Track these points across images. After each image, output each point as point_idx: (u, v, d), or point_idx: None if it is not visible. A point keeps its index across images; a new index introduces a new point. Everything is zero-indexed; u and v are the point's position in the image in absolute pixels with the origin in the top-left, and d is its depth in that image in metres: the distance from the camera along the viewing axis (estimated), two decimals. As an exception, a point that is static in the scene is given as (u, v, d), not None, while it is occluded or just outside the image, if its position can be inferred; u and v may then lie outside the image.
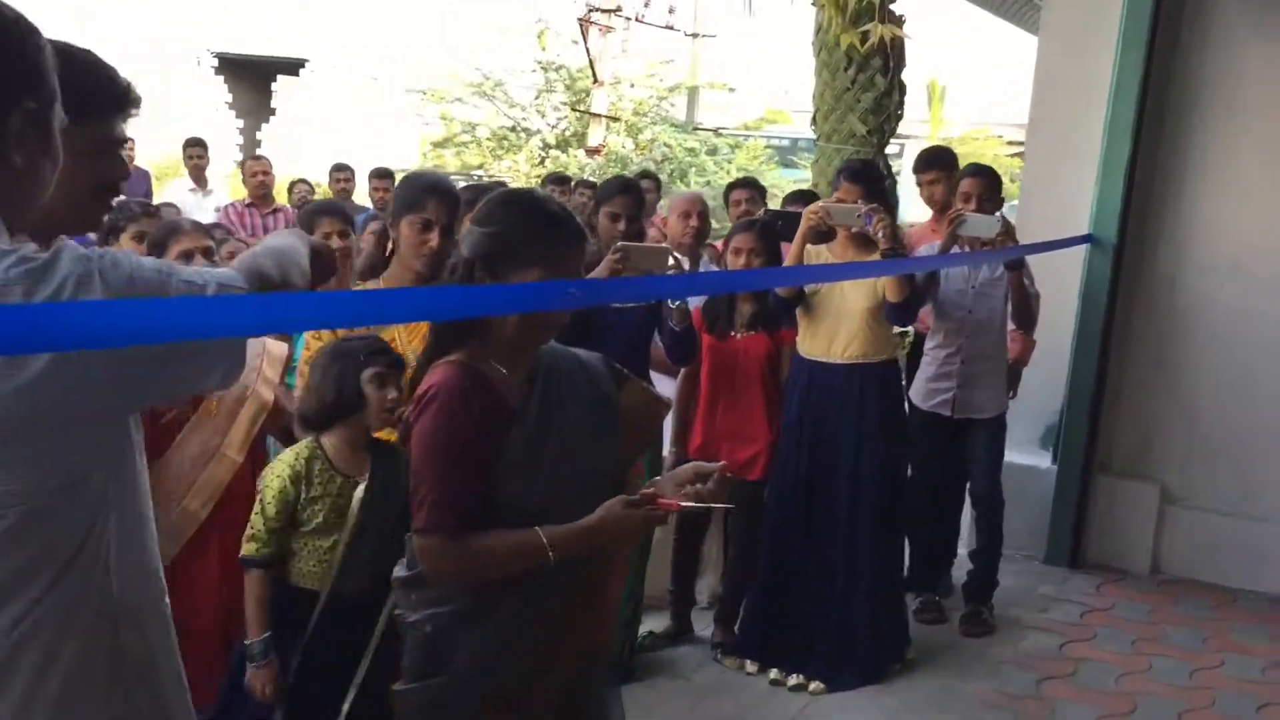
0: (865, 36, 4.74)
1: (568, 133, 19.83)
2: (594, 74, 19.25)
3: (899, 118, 5.22)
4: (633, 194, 4.07)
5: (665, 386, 4.30)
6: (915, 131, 32.43)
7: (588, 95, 19.58)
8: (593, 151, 18.57)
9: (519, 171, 18.02)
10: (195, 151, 8.10)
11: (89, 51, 1.63)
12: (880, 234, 3.72)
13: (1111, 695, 4.08)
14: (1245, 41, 5.02)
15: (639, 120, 19.82)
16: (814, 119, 5.27)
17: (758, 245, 4.08)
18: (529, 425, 2.06)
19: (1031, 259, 4.98)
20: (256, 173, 7.33)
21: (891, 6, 4.92)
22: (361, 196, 8.47)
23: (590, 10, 19.10)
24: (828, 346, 3.99)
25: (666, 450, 4.22)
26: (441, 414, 2.00)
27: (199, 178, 8.16)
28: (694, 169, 18.64)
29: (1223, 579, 5.14)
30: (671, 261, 3.57)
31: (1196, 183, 5.14)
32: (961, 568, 4.85)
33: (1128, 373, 5.31)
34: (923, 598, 4.76)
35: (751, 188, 5.72)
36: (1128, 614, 4.86)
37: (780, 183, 16.51)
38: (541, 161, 18.63)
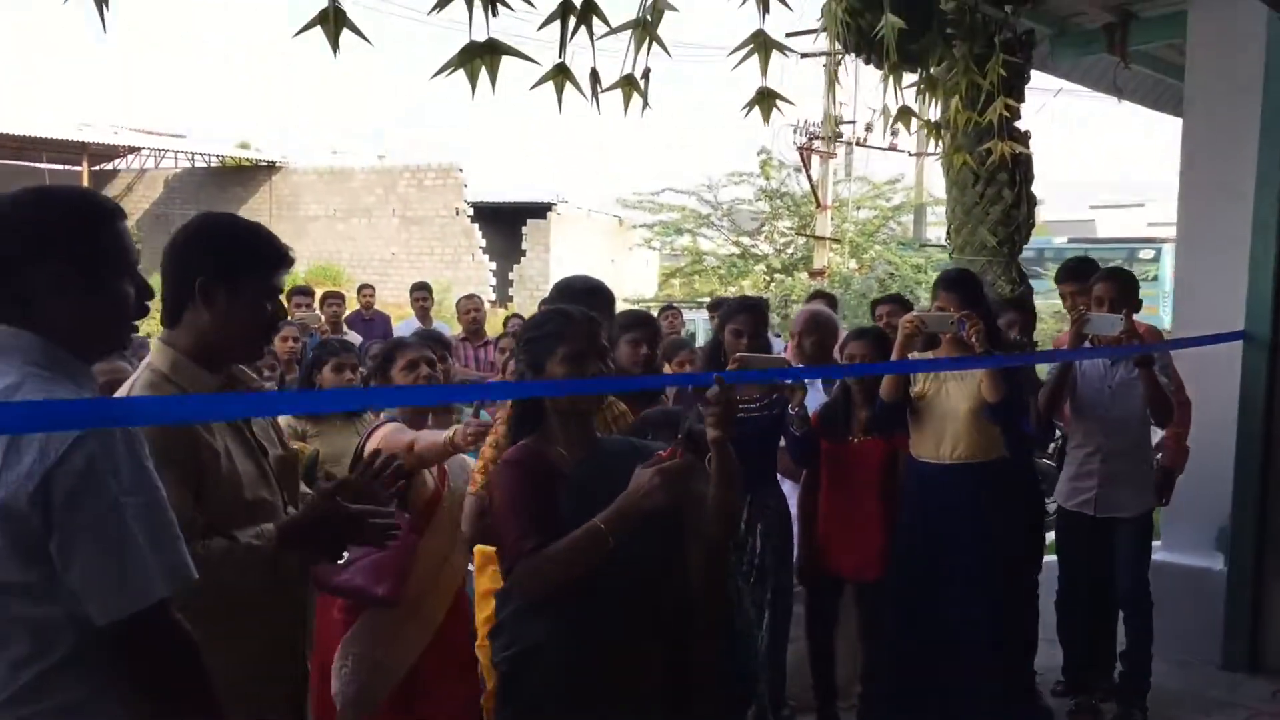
0: (987, 155, 4.98)
1: (794, 256, 20.31)
2: (816, 199, 19.74)
3: (1030, 227, 5.38)
4: (754, 312, 4.42)
5: (791, 490, 4.60)
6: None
7: (812, 219, 20.07)
8: (816, 273, 18.94)
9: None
10: (420, 295, 9.14)
11: (256, 224, 2.24)
12: (974, 339, 3.92)
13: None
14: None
15: (864, 240, 20.08)
16: (948, 232, 5.51)
17: (871, 351, 4.35)
18: (575, 488, 2.52)
19: (1189, 357, 5.01)
20: (468, 310, 8.17)
21: (1018, 124, 5.15)
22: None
23: (811, 139, 19.68)
24: (936, 448, 4.17)
25: (795, 554, 4.48)
26: (505, 481, 2.56)
27: (424, 317, 9.13)
28: (922, 285, 18.66)
29: None
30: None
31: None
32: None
33: (1301, 471, 5.14)
34: (1078, 699, 4.75)
35: (896, 302, 5.93)
36: (1301, 720, 4.66)
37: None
38: (767, 285, 19.15)
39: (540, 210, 28.39)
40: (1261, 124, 5.06)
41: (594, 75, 3.10)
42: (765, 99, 3.62)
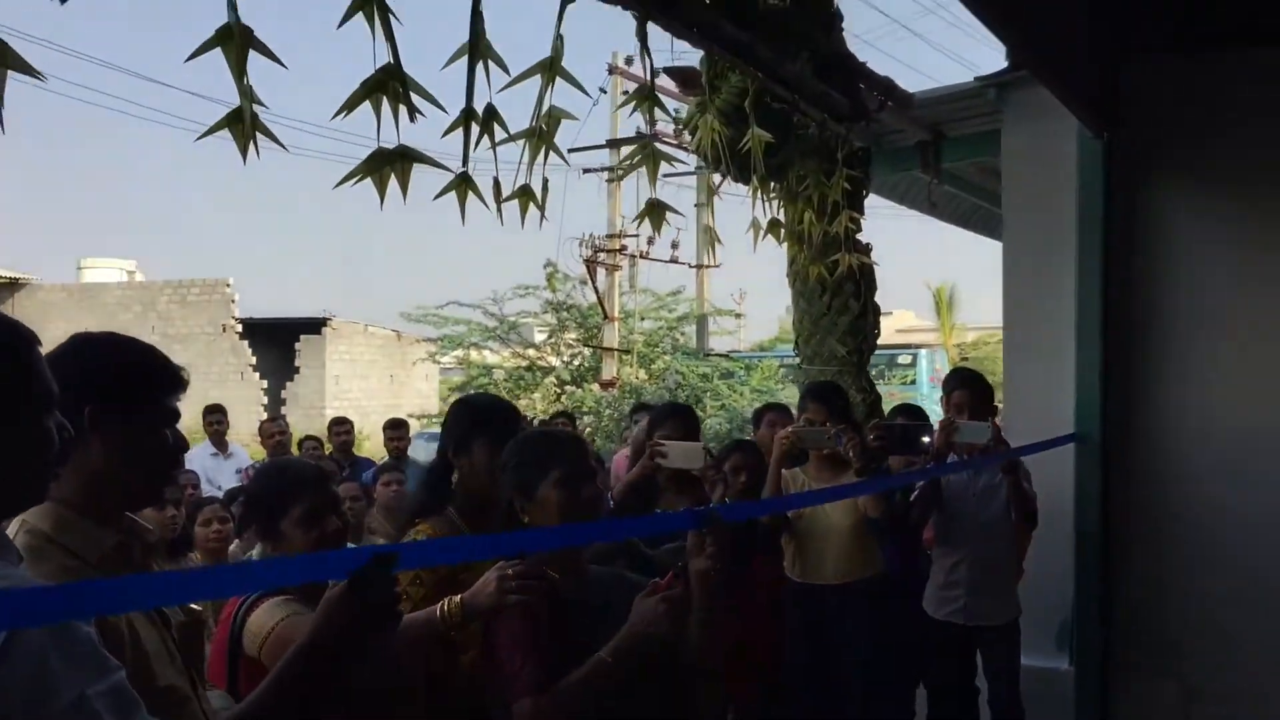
0: (834, 266, 5.03)
1: (582, 368, 20.33)
2: (603, 311, 19.91)
3: (876, 337, 5.47)
4: (685, 417, 4.23)
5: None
6: (928, 341, 32.93)
7: (599, 331, 20.20)
8: (607, 384, 19.00)
9: (535, 409, 18.37)
10: (215, 418, 8.46)
11: (139, 340, 1.96)
12: (851, 453, 3.87)
13: None
14: (1193, 235, 5.21)
15: (651, 351, 20.34)
16: (795, 344, 5.54)
17: (754, 462, 4.25)
18: (577, 618, 2.49)
19: (1026, 460, 5.13)
20: (274, 434, 7.65)
21: (859, 236, 5.25)
22: (368, 449, 8.73)
23: (596, 251, 19.88)
24: (819, 569, 4.08)
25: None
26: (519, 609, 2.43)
27: (220, 442, 8.47)
28: (708, 394, 18.97)
29: (1258, 775, 4.99)
30: (708, 460, 3.74)
31: (1169, 375, 5.26)
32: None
33: (1134, 568, 5.30)
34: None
35: (779, 411, 5.80)
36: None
37: (795, 401, 16.76)
38: (558, 398, 19.05)
39: (315, 326, 27.52)
40: (1078, 235, 5.31)
41: (496, 185, 2.92)
42: (655, 210, 3.52)
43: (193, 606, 2.02)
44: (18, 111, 1.85)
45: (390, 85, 2.31)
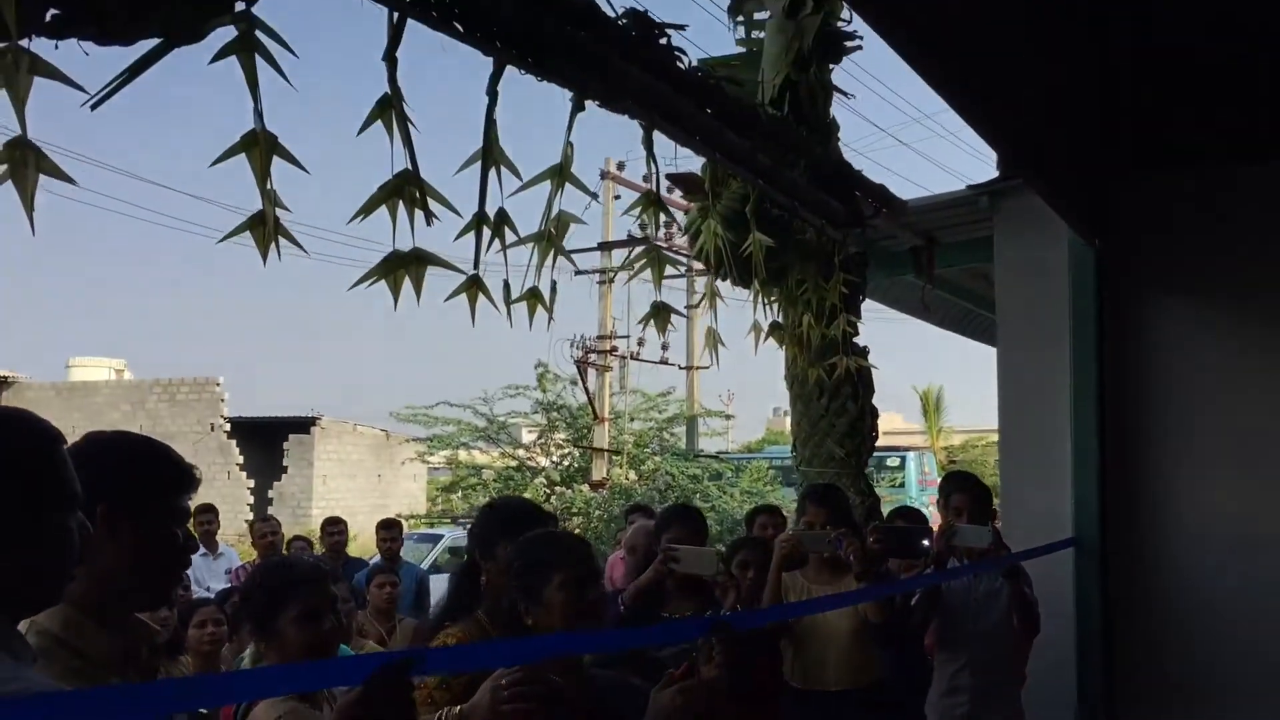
0: (833, 369, 5.07)
1: (572, 469, 20.27)
2: (593, 411, 19.94)
3: (874, 439, 5.49)
4: (692, 518, 4.21)
5: None
6: (915, 443, 32.88)
7: (589, 431, 20.19)
8: (597, 485, 18.94)
9: (526, 510, 18.28)
10: (205, 518, 8.40)
11: (152, 439, 1.97)
12: (852, 558, 3.86)
13: None
14: (1186, 340, 5.25)
15: (640, 452, 20.31)
16: (793, 446, 5.56)
17: (760, 559, 4.22)
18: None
19: (1027, 565, 5.11)
20: (265, 534, 7.60)
21: (856, 339, 5.30)
22: (355, 549, 8.66)
23: (587, 352, 19.99)
24: (819, 674, 4.03)
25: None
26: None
27: (210, 542, 8.39)
28: (698, 495, 18.90)
29: None
30: (721, 566, 3.71)
31: (1165, 477, 5.28)
32: None
33: (1138, 673, 5.26)
34: None
35: (771, 513, 5.82)
36: None
37: (785, 502, 16.72)
38: (547, 499, 18.94)
39: (304, 425, 27.45)
40: (1072, 340, 5.37)
41: (506, 287, 2.97)
42: (660, 312, 3.57)
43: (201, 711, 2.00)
44: (16, 209, 1.90)
45: (407, 190, 2.35)
